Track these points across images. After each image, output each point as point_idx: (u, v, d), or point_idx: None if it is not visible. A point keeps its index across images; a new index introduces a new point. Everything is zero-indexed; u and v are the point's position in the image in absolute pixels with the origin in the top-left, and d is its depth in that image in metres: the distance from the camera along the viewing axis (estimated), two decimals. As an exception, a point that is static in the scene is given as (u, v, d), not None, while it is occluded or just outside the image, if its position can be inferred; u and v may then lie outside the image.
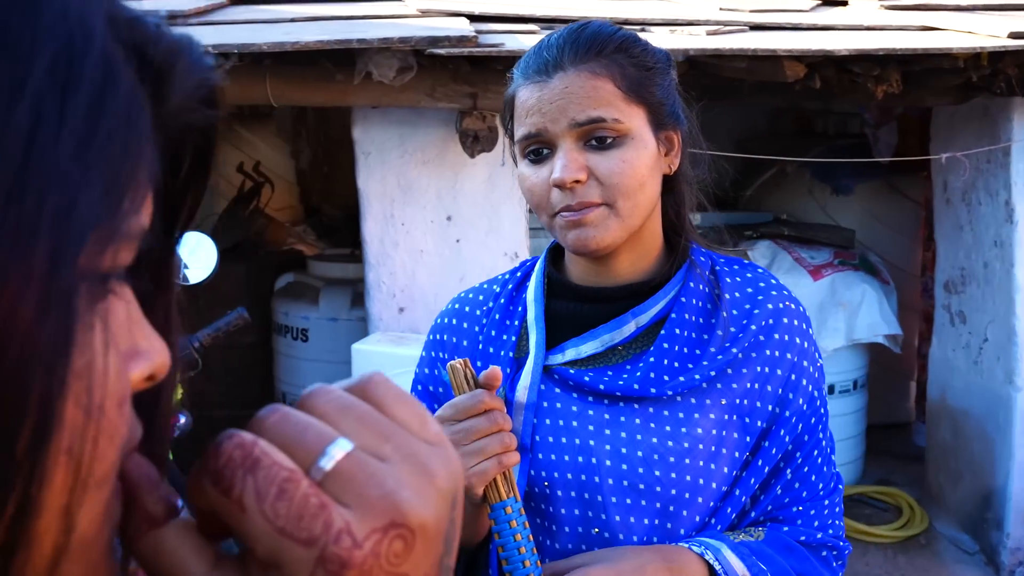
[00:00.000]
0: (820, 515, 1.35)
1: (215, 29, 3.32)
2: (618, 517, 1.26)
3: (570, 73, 1.23)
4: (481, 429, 1.14)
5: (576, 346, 1.33)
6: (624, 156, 1.23)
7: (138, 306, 0.46)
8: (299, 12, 3.66)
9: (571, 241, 1.26)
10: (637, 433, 1.27)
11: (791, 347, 1.33)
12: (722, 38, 3.33)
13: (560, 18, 3.58)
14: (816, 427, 1.35)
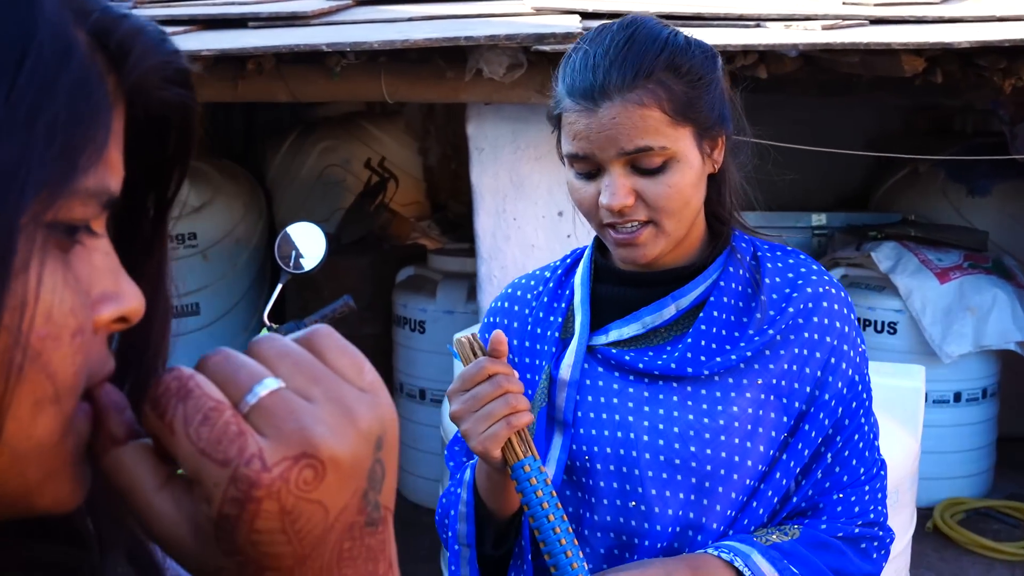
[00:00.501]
0: (861, 501, 1.35)
1: (334, 29, 3.45)
2: (654, 491, 1.29)
3: (617, 103, 1.24)
4: (487, 394, 1.19)
5: (619, 328, 1.36)
6: (670, 181, 1.26)
7: (115, 258, 0.53)
8: (417, 11, 3.76)
9: (620, 256, 1.31)
10: (674, 411, 1.30)
11: (830, 331, 1.34)
12: (838, 33, 3.27)
13: (674, 14, 3.56)
14: (857, 411, 1.35)
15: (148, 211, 0.59)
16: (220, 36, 3.40)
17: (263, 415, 0.49)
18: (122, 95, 0.51)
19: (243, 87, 3.40)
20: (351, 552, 0.51)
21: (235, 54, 3.13)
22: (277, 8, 3.72)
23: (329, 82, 3.36)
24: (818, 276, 1.37)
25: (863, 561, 1.34)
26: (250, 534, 0.47)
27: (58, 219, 0.47)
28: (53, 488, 0.50)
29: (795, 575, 1.26)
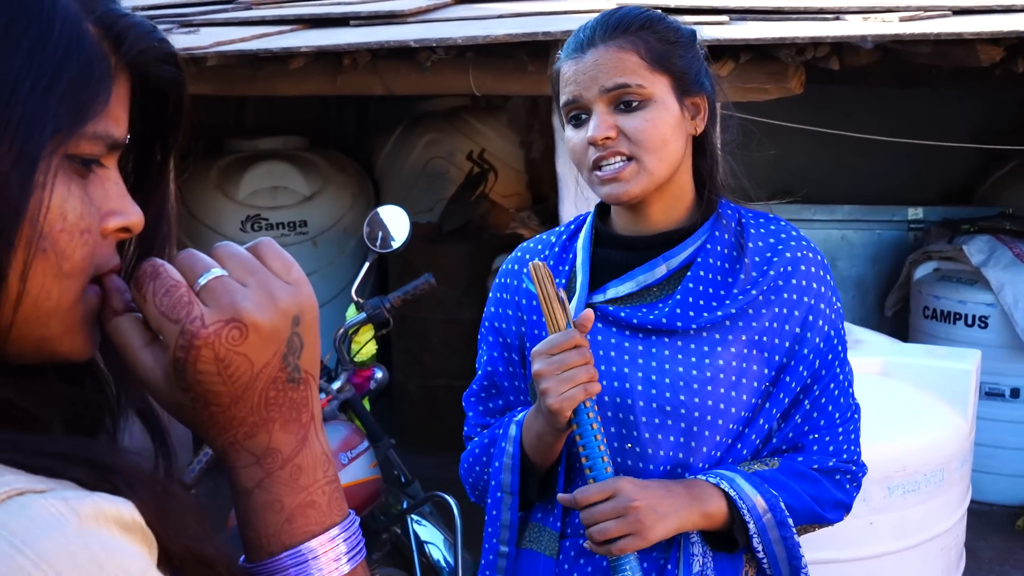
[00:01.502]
0: (835, 441, 1.50)
1: (426, 26, 3.66)
2: (647, 435, 1.45)
3: (600, 48, 1.45)
4: (572, 361, 1.37)
5: (615, 286, 1.53)
6: (648, 116, 1.43)
7: (123, 186, 0.73)
8: (508, 9, 3.94)
9: (605, 193, 1.45)
10: (666, 363, 1.46)
11: (808, 291, 1.48)
12: (912, 24, 3.31)
13: (753, 8, 3.66)
14: (833, 363, 1.50)
15: (156, 157, 0.79)
16: (320, 34, 3.65)
17: (208, 292, 0.69)
18: (124, 69, 0.70)
19: (341, 81, 3.64)
20: (276, 400, 0.70)
21: (331, 50, 3.36)
22: (377, 7, 3.96)
23: (421, 76, 3.58)
24: (796, 241, 1.52)
25: (836, 490, 1.49)
26: (195, 374, 0.67)
27: (71, 153, 0.67)
28: (70, 340, 0.70)
29: (774, 496, 1.41)
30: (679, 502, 1.40)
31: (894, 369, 2.62)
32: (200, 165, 5.64)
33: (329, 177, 5.75)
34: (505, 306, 1.63)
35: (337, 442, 2.91)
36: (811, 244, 1.54)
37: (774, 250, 1.51)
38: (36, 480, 0.58)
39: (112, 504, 0.59)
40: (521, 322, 1.61)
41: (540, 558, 1.54)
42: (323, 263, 5.63)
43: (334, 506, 0.75)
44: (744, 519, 1.42)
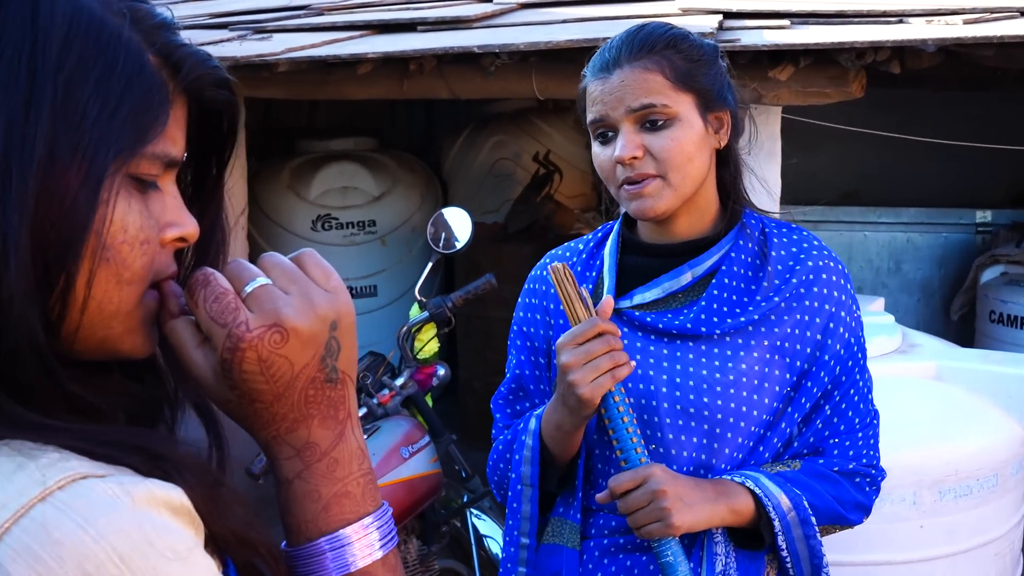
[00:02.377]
0: (855, 445, 1.54)
1: (490, 31, 3.74)
2: (671, 435, 1.51)
3: (625, 68, 1.50)
4: (597, 350, 1.42)
5: (642, 293, 1.58)
6: (673, 135, 1.48)
7: (180, 200, 0.81)
8: (572, 14, 4.01)
9: (633, 209, 1.51)
10: (690, 366, 1.51)
11: (829, 299, 1.52)
12: (977, 27, 3.30)
13: (816, 12, 3.67)
14: (853, 369, 1.54)
15: (211, 171, 0.88)
16: (388, 40, 3.75)
17: (253, 299, 0.77)
18: (181, 94, 0.78)
19: (408, 85, 3.74)
20: (314, 398, 0.78)
21: (397, 56, 3.46)
22: (443, 13, 4.05)
23: (485, 80, 3.66)
24: (819, 251, 1.57)
25: (856, 492, 1.54)
26: (240, 374, 0.75)
27: (132, 172, 0.74)
28: (130, 339, 0.78)
29: (797, 495, 1.47)
30: (707, 495, 1.45)
31: (948, 373, 2.63)
32: (273, 166, 5.80)
33: (398, 177, 5.86)
34: (533, 311, 1.70)
35: (399, 437, 3.01)
36: (832, 254, 1.59)
37: (796, 259, 1.56)
38: (97, 466, 0.66)
39: (163, 489, 0.67)
40: (548, 326, 1.67)
41: (563, 550, 1.60)
42: (391, 262, 5.75)
43: (368, 497, 0.81)
44: (770, 516, 1.47)
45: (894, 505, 2.36)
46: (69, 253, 0.70)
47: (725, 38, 3.27)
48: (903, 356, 2.72)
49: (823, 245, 1.61)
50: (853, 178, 5.98)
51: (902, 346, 2.80)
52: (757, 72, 3.35)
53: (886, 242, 5.32)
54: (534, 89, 3.65)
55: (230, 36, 4.11)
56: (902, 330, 2.91)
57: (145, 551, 0.63)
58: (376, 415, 3.15)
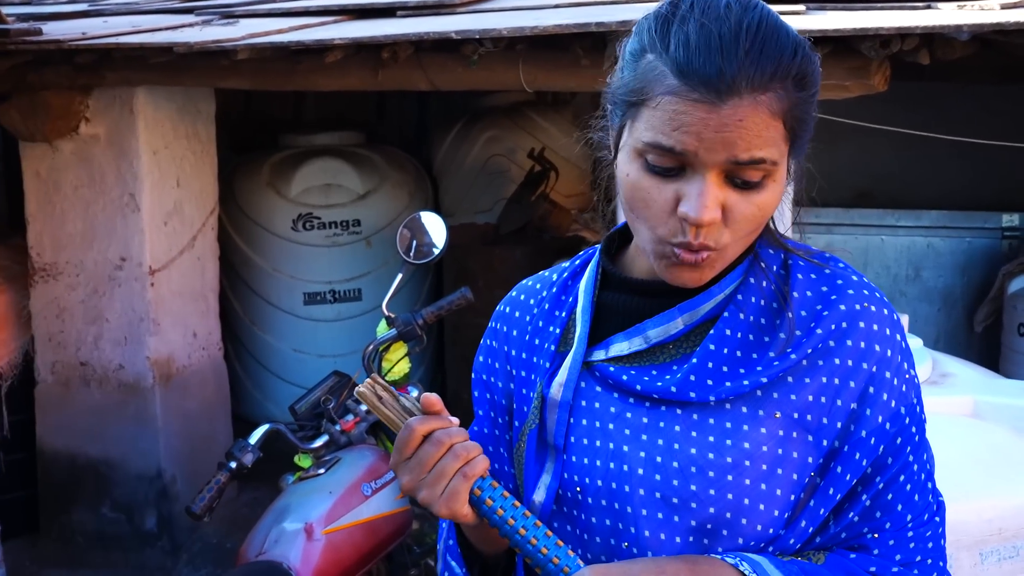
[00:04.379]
0: (903, 546, 1.16)
1: (474, 16, 3.41)
2: (647, 532, 1.14)
3: (746, 103, 1.05)
4: (430, 457, 1.11)
5: (620, 341, 1.20)
6: (763, 201, 1.09)
7: None
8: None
9: (671, 278, 1.13)
10: (676, 442, 1.14)
11: (868, 355, 1.14)
12: (1018, 11, 2.95)
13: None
14: (903, 448, 1.15)
15: None
16: (358, 26, 3.42)
17: None
18: None
19: (383, 76, 3.41)
20: None
21: (368, 43, 3.13)
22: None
23: (467, 71, 3.33)
24: (856, 291, 1.17)
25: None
26: None
27: None
28: None
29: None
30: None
31: (988, 410, 2.28)
32: (253, 160, 5.48)
33: (385, 174, 5.53)
34: (494, 357, 1.33)
35: (361, 471, 2.68)
36: (876, 294, 1.19)
37: (825, 301, 1.17)
38: None
39: None
40: (509, 377, 1.31)
41: None
42: (376, 264, 5.42)
43: None
44: None
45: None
46: None
47: (733, 23, 2.93)
48: (934, 388, 2.37)
49: (864, 283, 1.20)
50: (870, 177, 5.64)
51: (932, 375, 2.45)
52: (769, 62, 3.02)
53: (905, 247, 4.98)
54: (521, 80, 3.31)
55: (194, 21, 3.79)
56: (932, 356, 2.56)
57: None
58: (339, 443, 2.82)
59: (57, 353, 4.09)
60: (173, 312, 4.13)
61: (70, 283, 4.04)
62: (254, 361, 5.51)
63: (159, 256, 4.04)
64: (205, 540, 4.17)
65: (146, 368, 4.02)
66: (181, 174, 4.17)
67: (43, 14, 4.12)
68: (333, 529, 2.48)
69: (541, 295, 1.32)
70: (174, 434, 4.12)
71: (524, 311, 1.33)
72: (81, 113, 3.90)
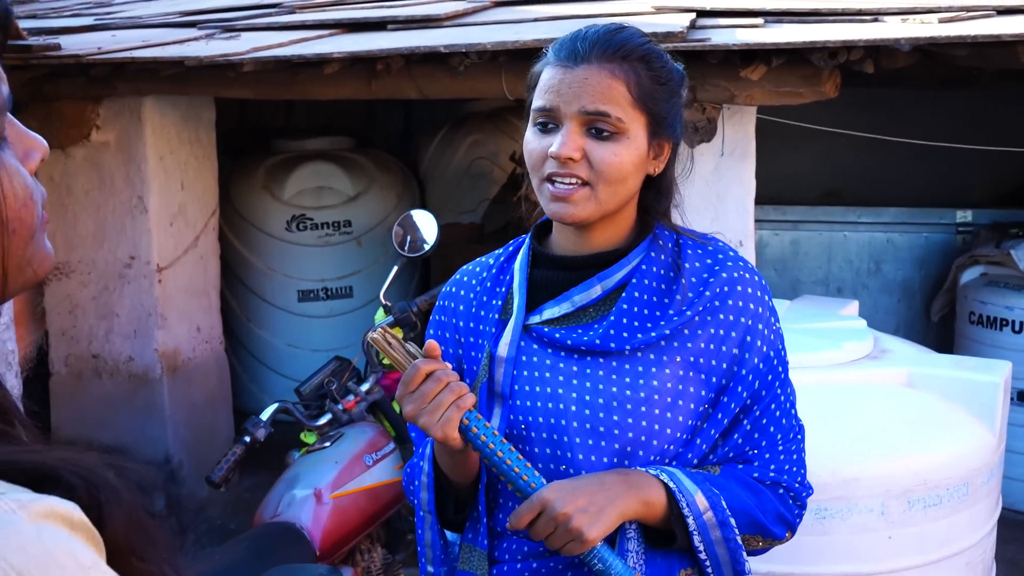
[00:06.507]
0: (776, 459, 1.50)
1: (460, 30, 3.68)
2: (581, 456, 1.45)
3: (593, 67, 1.41)
4: (430, 391, 1.39)
5: (551, 307, 1.52)
6: (616, 150, 1.42)
7: (20, 126, 0.78)
8: (545, 12, 3.94)
9: (553, 210, 1.45)
10: (600, 383, 1.46)
11: (745, 312, 1.48)
12: (952, 25, 3.25)
13: (790, 10, 3.62)
14: (773, 383, 1.50)
15: None
16: (355, 39, 3.68)
17: None
18: None
19: (376, 85, 3.68)
20: None
21: (363, 56, 3.40)
22: (414, 12, 3.99)
23: (454, 80, 3.59)
24: (733, 263, 1.51)
25: (778, 503, 1.49)
26: None
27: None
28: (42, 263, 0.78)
29: (715, 494, 1.42)
30: (613, 492, 1.39)
31: (920, 380, 2.57)
32: (248, 165, 5.73)
33: (374, 177, 5.80)
34: (443, 329, 1.63)
35: (362, 444, 2.95)
36: (748, 265, 1.53)
37: (711, 271, 1.50)
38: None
39: (62, 505, 0.64)
40: (459, 344, 1.61)
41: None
42: (367, 262, 5.69)
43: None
44: (683, 512, 1.41)
45: (861, 515, 2.30)
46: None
47: (696, 37, 3.21)
48: (874, 362, 2.66)
49: (739, 257, 1.54)
50: (835, 177, 5.94)
51: (873, 351, 2.75)
52: (729, 72, 3.30)
53: (866, 242, 5.28)
54: (504, 89, 3.58)
55: (197, 35, 4.04)
56: (874, 335, 2.85)
57: (46, 565, 0.61)
58: (341, 421, 3.09)
59: (70, 347, 4.34)
60: (179, 307, 4.39)
61: (82, 280, 4.29)
62: (250, 356, 5.76)
63: (165, 255, 4.30)
64: (210, 521, 4.43)
65: (154, 360, 4.27)
66: (185, 178, 4.43)
67: (53, 28, 4.36)
68: (339, 494, 2.76)
69: (482, 276, 1.63)
70: (181, 422, 4.37)
71: (468, 290, 1.63)
72: (93, 121, 4.15)
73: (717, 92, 3.40)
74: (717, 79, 3.37)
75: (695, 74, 3.38)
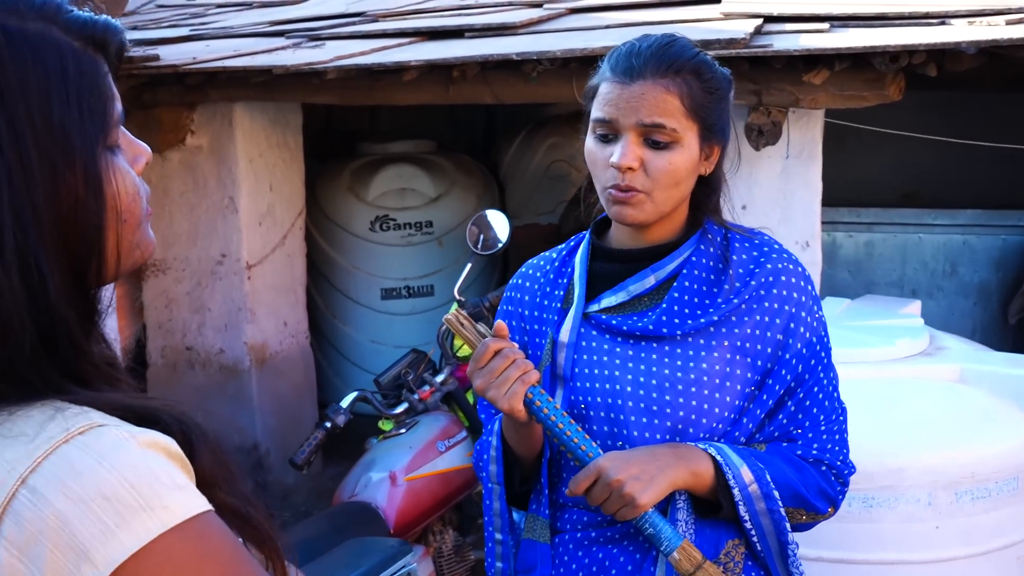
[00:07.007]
0: (819, 438, 1.61)
1: (533, 38, 3.83)
2: (636, 433, 1.58)
3: (648, 83, 1.55)
4: (499, 367, 1.52)
5: (608, 297, 1.66)
6: (671, 159, 1.55)
7: (130, 135, 0.93)
8: (617, 19, 4.07)
9: (614, 213, 1.59)
10: (653, 366, 1.59)
11: (789, 300, 1.60)
12: (1020, 27, 3.28)
13: (856, 15, 3.68)
14: (816, 368, 1.60)
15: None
16: (432, 47, 3.86)
17: None
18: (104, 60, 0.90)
19: (453, 91, 3.85)
20: None
21: (439, 63, 3.57)
22: (490, 20, 4.15)
23: (527, 86, 3.74)
24: (778, 255, 1.64)
25: (821, 479, 1.60)
26: None
27: (110, 144, 0.87)
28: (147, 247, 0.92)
29: (760, 468, 1.54)
30: (664, 462, 1.51)
31: (972, 376, 2.63)
32: (334, 167, 5.96)
33: (455, 179, 5.97)
34: (510, 317, 1.77)
35: (436, 431, 3.12)
36: (792, 257, 1.65)
37: (756, 262, 1.63)
38: (109, 418, 0.81)
39: (162, 438, 0.82)
40: (525, 332, 1.75)
41: (536, 546, 1.67)
42: (448, 262, 5.86)
43: None
44: (729, 483, 1.53)
45: (909, 505, 2.38)
46: (95, 240, 0.85)
47: (759, 43, 3.31)
48: (927, 358, 2.73)
49: (783, 249, 1.66)
50: (914, 180, 5.93)
51: (928, 348, 2.81)
52: (793, 76, 3.38)
53: (941, 244, 5.27)
54: (575, 94, 3.71)
55: (285, 44, 4.26)
56: (930, 333, 2.92)
57: (152, 481, 0.77)
58: (416, 410, 3.26)
59: (166, 339, 4.61)
60: (267, 303, 4.62)
61: (177, 277, 4.55)
62: (335, 351, 5.98)
63: (254, 253, 4.53)
64: (295, 508, 4.65)
65: (244, 352, 4.51)
66: (273, 180, 4.66)
67: (153, 39, 4.63)
68: (413, 477, 2.93)
69: (545, 268, 1.77)
70: (268, 412, 4.60)
71: (532, 281, 1.78)
72: (187, 127, 4.40)
73: (782, 96, 3.48)
74: (782, 83, 3.45)
75: (760, 78, 3.48)
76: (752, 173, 3.79)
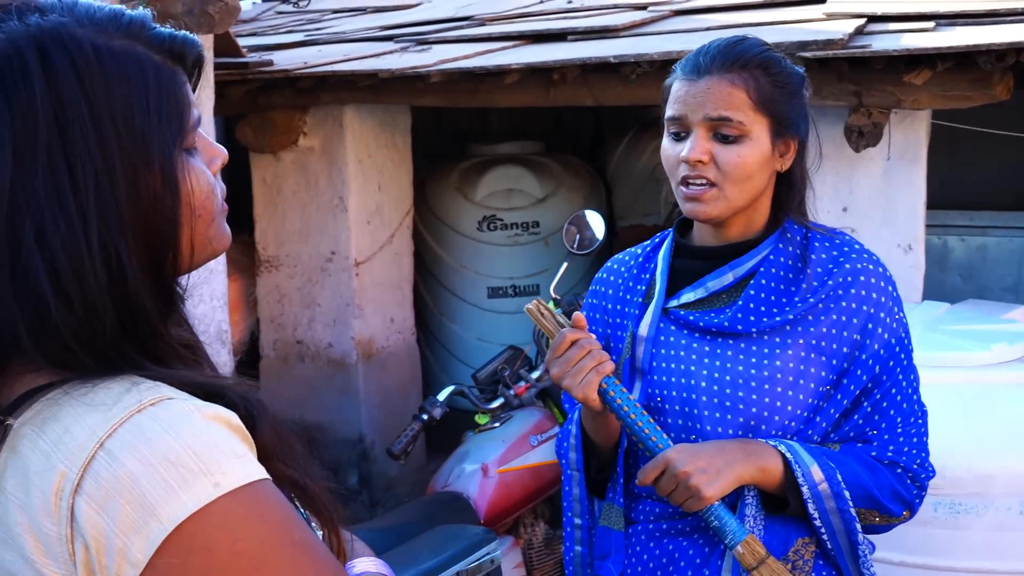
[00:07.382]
0: (895, 441, 1.60)
1: (632, 40, 3.87)
2: (709, 427, 1.61)
3: (714, 78, 1.59)
4: (575, 356, 1.58)
5: (688, 292, 1.70)
6: (740, 152, 1.58)
7: (207, 138, 1.01)
8: (719, 21, 4.08)
9: (688, 209, 1.62)
10: (728, 363, 1.61)
11: (867, 301, 1.60)
12: None
13: (964, 12, 3.61)
14: (894, 369, 1.60)
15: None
16: (533, 50, 3.93)
17: None
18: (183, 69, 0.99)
19: (554, 93, 3.91)
20: None
21: (539, 66, 3.64)
22: (592, 23, 4.20)
23: (627, 88, 3.78)
24: (858, 254, 1.64)
25: (896, 482, 1.60)
26: None
27: (187, 147, 0.96)
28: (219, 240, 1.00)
29: (831, 467, 1.55)
30: (732, 457, 1.54)
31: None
32: (443, 168, 6.09)
33: (562, 180, 6.03)
34: (594, 310, 1.83)
35: (529, 426, 3.19)
36: (874, 258, 1.65)
37: (835, 262, 1.64)
38: (179, 392, 0.89)
39: (225, 412, 0.90)
40: (607, 325, 1.80)
41: (611, 533, 1.73)
42: (554, 262, 5.91)
43: None
44: (797, 482, 1.54)
45: (999, 513, 2.35)
46: (172, 234, 0.94)
47: (857, 44, 3.28)
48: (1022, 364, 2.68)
49: (864, 249, 1.67)
50: (1031, 182, 5.73)
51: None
52: (894, 77, 3.34)
53: (1060, 249, 5.09)
54: (675, 95, 3.74)
55: (393, 48, 4.40)
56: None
57: (213, 450, 0.85)
58: (512, 405, 3.34)
59: (278, 333, 4.80)
60: (374, 299, 4.76)
61: (289, 273, 4.73)
62: (442, 347, 6.11)
63: (363, 250, 4.68)
64: (398, 498, 4.78)
65: (351, 347, 4.67)
66: (381, 180, 4.81)
67: (268, 45, 4.83)
68: (505, 470, 3.01)
69: (629, 264, 1.83)
70: (374, 405, 4.74)
71: (617, 276, 1.84)
72: (300, 128, 4.57)
73: (883, 97, 3.44)
74: (882, 84, 3.41)
75: (860, 79, 3.45)
76: (853, 175, 3.76)
